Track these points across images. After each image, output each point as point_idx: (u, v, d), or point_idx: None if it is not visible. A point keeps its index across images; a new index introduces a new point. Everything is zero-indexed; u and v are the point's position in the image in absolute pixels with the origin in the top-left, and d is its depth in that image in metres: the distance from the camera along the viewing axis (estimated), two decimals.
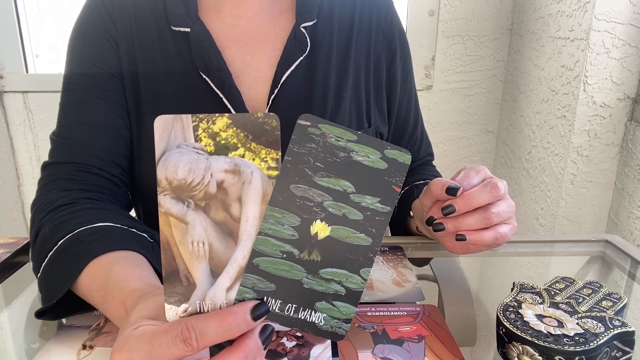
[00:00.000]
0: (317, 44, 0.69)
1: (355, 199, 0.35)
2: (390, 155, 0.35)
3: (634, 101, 1.22)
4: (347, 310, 0.35)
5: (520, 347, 0.45)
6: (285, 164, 0.34)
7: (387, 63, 0.75)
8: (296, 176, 0.34)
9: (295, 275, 0.35)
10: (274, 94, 0.66)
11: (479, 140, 1.78)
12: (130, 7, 0.67)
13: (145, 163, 0.67)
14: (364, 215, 0.35)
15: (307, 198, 0.35)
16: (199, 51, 0.65)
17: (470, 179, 0.55)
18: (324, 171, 0.35)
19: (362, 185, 0.35)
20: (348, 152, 0.35)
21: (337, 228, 0.35)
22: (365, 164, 0.35)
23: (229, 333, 0.32)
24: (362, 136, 0.35)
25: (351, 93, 0.71)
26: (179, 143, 0.34)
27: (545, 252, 0.77)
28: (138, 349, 0.32)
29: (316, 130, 0.35)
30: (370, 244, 0.35)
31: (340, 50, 0.71)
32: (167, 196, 0.34)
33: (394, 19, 0.75)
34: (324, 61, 0.69)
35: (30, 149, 1.72)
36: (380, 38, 0.74)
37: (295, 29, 0.68)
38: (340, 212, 0.35)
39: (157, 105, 0.66)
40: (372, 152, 0.35)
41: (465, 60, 1.68)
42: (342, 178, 0.35)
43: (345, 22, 0.72)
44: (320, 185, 0.35)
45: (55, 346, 0.49)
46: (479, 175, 0.56)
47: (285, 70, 0.67)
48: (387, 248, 0.72)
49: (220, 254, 0.34)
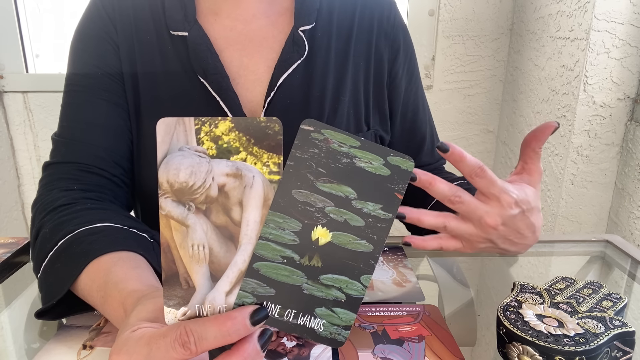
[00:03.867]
0: (315, 47, 0.69)
1: (357, 205, 0.35)
2: (393, 162, 0.35)
3: (634, 101, 1.22)
4: (347, 317, 0.35)
5: (521, 347, 0.45)
6: (288, 168, 0.34)
7: (389, 64, 0.74)
8: (298, 181, 0.34)
9: (296, 280, 0.34)
10: (270, 96, 0.66)
11: (479, 140, 1.78)
12: (130, 11, 0.67)
13: (144, 164, 0.68)
14: (365, 221, 0.35)
15: (308, 203, 0.34)
16: (196, 55, 0.65)
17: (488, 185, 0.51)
18: (326, 177, 0.35)
19: (364, 191, 0.35)
20: (351, 158, 0.35)
21: (339, 234, 0.35)
22: (367, 170, 0.35)
23: (228, 338, 0.32)
24: (365, 142, 0.35)
25: (349, 96, 0.71)
26: (181, 146, 0.34)
27: (545, 252, 0.77)
28: (136, 351, 0.32)
29: (319, 135, 0.35)
30: (372, 251, 0.35)
31: (339, 52, 0.71)
32: (168, 199, 0.34)
33: (396, 19, 0.75)
34: (321, 64, 0.69)
35: (30, 149, 1.73)
36: (382, 39, 0.73)
37: (294, 33, 0.68)
38: (342, 218, 0.35)
39: (156, 107, 0.67)
40: (375, 159, 0.35)
41: (465, 60, 1.68)
42: (344, 184, 0.35)
43: (345, 25, 0.71)
44: (322, 190, 0.35)
45: (55, 346, 0.49)
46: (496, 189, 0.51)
47: (282, 74, 0.67)
48: (387, 248, 0.72)
49: (221, 258, 0.34)
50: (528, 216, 0.52)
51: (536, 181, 0.54)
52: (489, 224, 0.51)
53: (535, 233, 0.55)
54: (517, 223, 0.52)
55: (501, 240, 0.53)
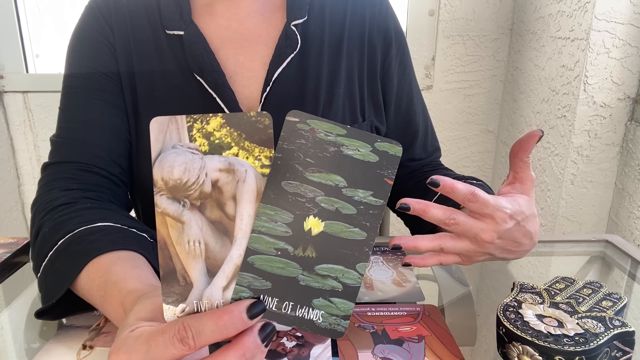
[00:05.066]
0: (308, 41, 0.70)
1: (347, 193, 0.35)
2: (381, 148, 0.35)
3: (634, 101, 1.22)
4: (345, 307, 0.35)
5: (521, 347, 0.45)
6: (276, 160, 0.34)
7: (382, 56, 0.75)
8: (287, 173, 0.34)
9: (291, 272, 0.34)
10: (266, 92, 0.67)
11: (479, 140, 1.78)
12: (126, 12, 0.69)
13: (142, 162, 0.68)
14: (357, 209, 0.35)
15: (299, 194, 0.34)
16: (192, 53, 0.66)
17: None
18: (314, 166, 0.35)
19: (353, 179, 0.35)
20: (338, 146, 0.35)
21: (331, 223, 0.35)
22: (355, 157, 0.35)
23: (225, 332, 0.32)
24: (351, 130, 0.35)
25: (344, 88, 0.72)
26: (174, 144, 0.34)
27: (545, 252, 0.77)
28: (136, 349, 0.32)
29: (305, 126, 0.35)
30: (365, 238, 0.35)
31: (332, 45, 0.71)
32: (164, 196, 0.34)
33: (388, 13, 0.76)
34: (315, 57, 0.70)
35: (30, 149, 1.73)
36: (375, 31, 0.74)
37: (286, 28, 0.69)
38: (333, 207, 0.35)
39: (153, 106, 0.68)
40: (362, 146, 0.35)
41: (466, 60, 1.68)
42: (333, 173, 0.35)
43: (337, 18, 0.72)
44: (311, 180, 0.35)
45: (55, 346, 0.49)
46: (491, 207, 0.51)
47: (277, 68, 0.68)
48: (387, 248, 0.72)
49: (216, 253, 0.34)
50: (524, 225, 0.53)
51: (529, 189, 0.54)
52: (485, 240, 0.51)
53: (532, 239, 0.55)
54: (513, 234, 0.52)
55: (499, 251, 0.54)
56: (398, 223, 1.67)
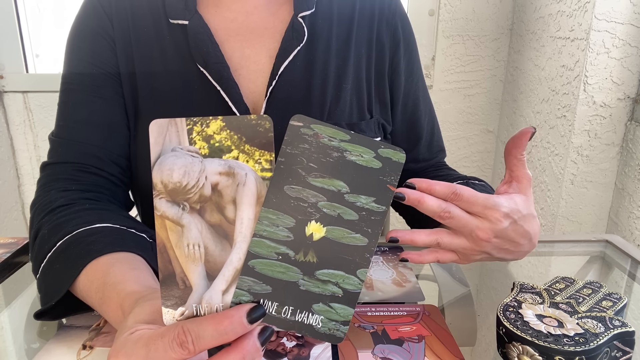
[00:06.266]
0: (315, 34, 0.68)
1: (349, 199, 0.35)
2: (384, 154, 0.35)
3: (634, 101, 1.22)
4: (345, 312, 0.35)
5: (520, 347, 0.45)
6: (279, 165, 0.34)
7: (390, 53, 0.73)
8: (290, 177, 0.34)
9: (291, 277, 0.34)
10: (272, 85, 0.66)
11: (479, 140, 1.78)
12: (127, 3, 0.67)
13: (143, 161, 0.67)
14: (359, 215, 0.35)
15: (301, 199, 0.34)
16: (197, 44, 0.64)
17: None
18: (317, 171, 0.35)
19: (356, 185, 0.35)
20: (341, 152, 0.35)
21: (332, 229, 0.35)
22: (359, 163, 0.35)
23: (225, 336, 0.31)
24: (355, 136, 0.35)
25: (352, 83, 0.70)
26: (174, 146, 0.34)
27: (545, 252, 0.77)
28: (135, 353, 0.32)
29: (309, 130, 0.35)
30: (367, 244, 0.35)
31: (341, 40, 0.70)
32: (163, 199, 0.34)
33: (397, 8, 0.74)
34: (323, 51, 0.69)
35: (30, 149, 1.73)
36: (384, 27, 0.72)
37: (293, 20, 0.67)
38: (335, 212, 0.35)
39: (155, 100, 0.66)
40: (365, 152, 0.35)
41: (466, 60, 1.68)
42: (336, 178, 0.35)
43: (346, 12, 0.71)
44: (314, 185, 0.35)
45: (55, 346, 0.49)
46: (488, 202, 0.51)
47: (283, 62, 0.66)
48: (387, 248, 0.72)
49: (216, 257, 0.34)
50: (521, 225, 0.52)
51: (526, 187, 0.53)
52: (481, 237, 0.50)
53: (531, 240, 0.54)
54: (510, 234, 0.52)
55: (496, 250, 0.53)
56: (399, 224, 1.67)
